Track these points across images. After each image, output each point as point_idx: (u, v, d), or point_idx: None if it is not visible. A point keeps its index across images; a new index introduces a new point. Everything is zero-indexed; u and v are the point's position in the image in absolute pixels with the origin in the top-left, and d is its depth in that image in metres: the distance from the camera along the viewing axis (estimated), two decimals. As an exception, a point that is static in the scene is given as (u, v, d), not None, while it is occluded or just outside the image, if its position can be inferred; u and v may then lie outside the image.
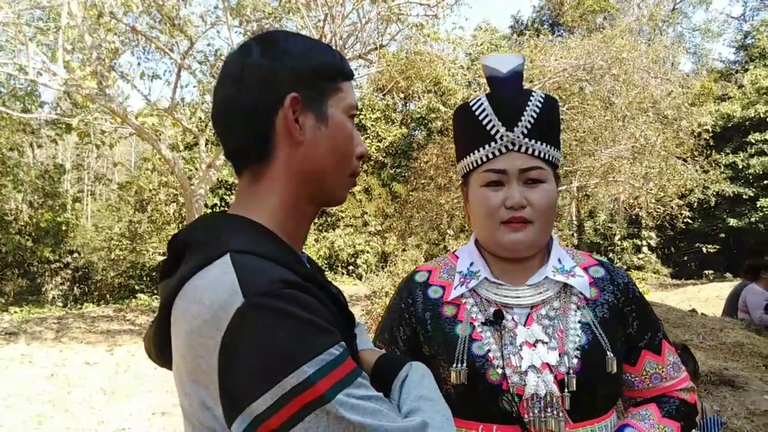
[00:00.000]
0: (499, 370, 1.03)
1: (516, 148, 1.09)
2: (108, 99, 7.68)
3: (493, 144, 1.10)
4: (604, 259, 1.23)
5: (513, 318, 1.09)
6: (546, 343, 1.06)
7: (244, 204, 0.82)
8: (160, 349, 0.79)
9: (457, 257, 1.21)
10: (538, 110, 1.11)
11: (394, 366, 0.85)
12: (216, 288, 0.68)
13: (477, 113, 1.12)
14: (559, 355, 1.04)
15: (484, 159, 1.11)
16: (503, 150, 1.10)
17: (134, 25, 8.30)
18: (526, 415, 1.01)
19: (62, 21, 7.15)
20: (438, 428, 0.71)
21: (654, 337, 1.16)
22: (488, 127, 1.10)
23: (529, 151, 1.09)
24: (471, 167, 1.15)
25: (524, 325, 1.08)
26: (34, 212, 15.86)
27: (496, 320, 1.08)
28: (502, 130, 1.09)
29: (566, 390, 1.02)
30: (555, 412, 1.01)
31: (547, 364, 1.03)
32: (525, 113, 1.10)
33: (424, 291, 1.16)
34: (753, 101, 17.71)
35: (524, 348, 1.05)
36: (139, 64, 13.28)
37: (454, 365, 1.05)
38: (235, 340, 0.66)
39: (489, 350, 1.05)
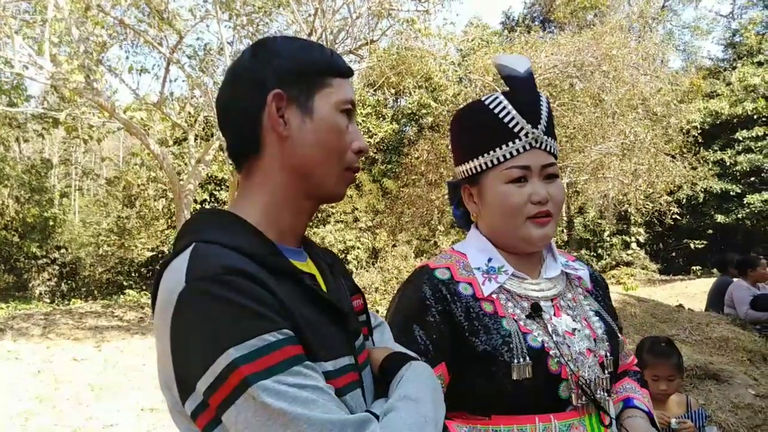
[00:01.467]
0: (557, 360, 1.06)
1: (538, 145, 1.13)
2: (96, 93, 7.61)
3: (517, 141, 1.12)
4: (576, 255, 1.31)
5: (545, 310, 1.13)
6: (580, 330, 1.12)
7: (239, 199, 0.86)
8: None
9: (463, 254, 1.20)
10: (548, 109, 1.17)
11: (395, 365, 0.86)
12: (172, 275, 0.73)
13: (497, 111, 1.14)
14: (594, 340, 1.11)
15: (508, 156, 1.13)
16: (527, 147, 1.12)
17: (122, 19, 8.22)
18: (579, 400, 1.06)
19: (49, 14, 7.06)
20: (395, 428, 0.70)
21: (618, 321, 1.28)
22: (511, 125, 1.12)
23: (547, 148, 1.14)
24: (488, 165, 1.14)
25: (555, 316, 1.12)
26: (21, 207, 15.69)
27: (536, 313, 1.10)
28: (528, 127, 1.12)
29: (606, 372, 1.10)
30: (603, 393, 1.08)
31: (589, 349, 1.10)
32: (542, 111, 1.14)
33: (452, 289, 1.12)
34: (741, 99, 17.86)
35: (566, 337, 1.10)
36: (127, 57, 13.20)
37: (516, 361, 1.04)
38: (177, 323, 0.70)
39: (543, 341, 1.07)
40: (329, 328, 0.80)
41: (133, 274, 16.48)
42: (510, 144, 1.12)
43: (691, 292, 11.82)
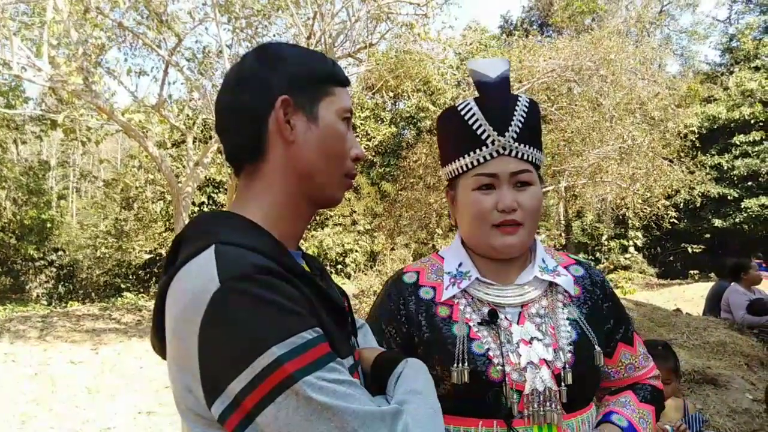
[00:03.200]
0: (499, 368, 1.05)
1: (507, 152, 1.12)
2: (94, 95, 7.61)
3: (484, 148, 1.12)
4: (580, 257, 1.29)
5: (506, 317, 1.12)
6: (540, 340, 1.09)
7: (241, 202, 0.87)
8: (159, 340, 0.81)
9: (442, 258, 1.23)
10: (525, 115, 1.14)
11: (391, 363, 0.88)
12: (198, 275, 0.72)
13: (467, 118, 1.13)
14: (554, 350, 1.08)
15: (475, 163, 1.13)
16: (494, 154, 1.12)
17: (121, 21, 8.22)
18: (525, 410, 1.04)
19: (47, 15, 7.06)
20: (417, 419, 0.73)
21: (627, 329, 1.23)
22: (479, 132, 1.12)
23: (519, 155, 1.12)
24: (460, 171, 1.16)
25: (517, 324, 1.11)
26: (18, 209, 15.67)
27: (491, 319, 1.10)
28: (494, 135, 1.11)
29: (563, 384, 1.06)
30: (553, 406, 1.04)
31: (544, 360, 1.07)
32: (514, 118, 1.12)
33: (415, 292, 1.17)
34: (738, 103, 17.94)
35: (521, 345, 1.08)
36: (126, 60, 13.19)
37: (455, 365, 1.06)
38: (211, 323, 0.69)
39: (488, 349, 1.07)
40: (336, 328, 0.82)
41: (130, 277, 16.46)
42: (477, 151, 1.12)
43: (689, 296, 11.84)
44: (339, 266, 17.07)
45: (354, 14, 8.64)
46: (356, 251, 15.15)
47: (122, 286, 15.93)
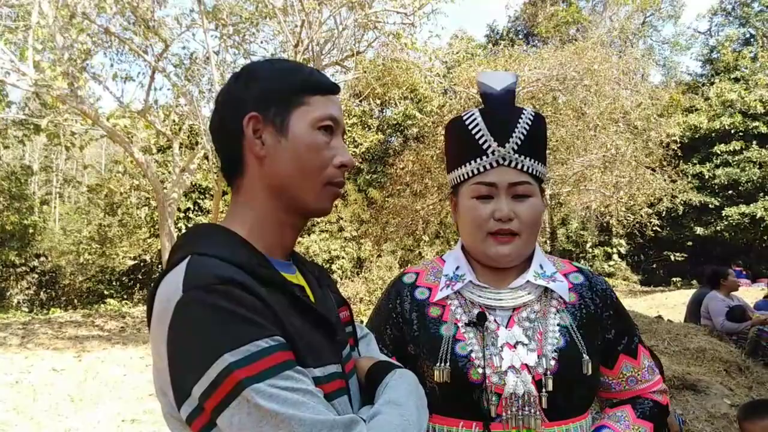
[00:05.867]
0: (480, 370, 1.07)
1: (506, 162, 1.13)
2: (79, 100, 7.55)
3: (484, 158, 1.14)
4: (584, 266, 1.28)
5: (495, 320, 1.13)
6: (525, 344, 1.09)
7: (229, 215, 0.91)
8: None
9: (444, 261, 1.26)
10: (528, 127, 1.15)
11: (381, 373, 0.91)
12: (170, 284, 0.76)
13: (470, 127, 1.16)
14: (538, 356, 1.08)
15: (475, 172, 1.15)
16: (494, 164, 1.13)
17: (108, 26, 8.19)
18: (504, 413, 1.05)
19: (32, 20, 7.01)
20: (377, 429, 0.75)
21: (630, 341, 1.22)
22: (480, 142, 1.14)
23: (519, 167, 1.13)
24: (461, 179, 1.18)
25: (506, 327, 1.12)
26: (0, 215, 15.42)
27: (479, 321, 1.11)
28: (494, 145, 1.13)
29: (543, 390, 1.06)
30: (532, 411, 1.05)
31: (526, 365, 1.07)
32: (516, 130, 1.14)
33: (411, 292, 1.20)
34: (718, 113, 18.29)
35: (505, 349, 1.09)
36: (112, 65, 13.00)
37: (438, 364, 1.09)
38: (174, 331, 0.73)
39: (471, 350, 1.09)
40: (317, 336, 0.83)
41: (114, 283, 16.26)
42: (478, 160, 1.14)
43: (671, 304, 11.96)
44: (325, 273, 16.97)
45: (341, 23, 8.70)
46: (343, 258, 15.11)
47: (105, 292, 15.73)
